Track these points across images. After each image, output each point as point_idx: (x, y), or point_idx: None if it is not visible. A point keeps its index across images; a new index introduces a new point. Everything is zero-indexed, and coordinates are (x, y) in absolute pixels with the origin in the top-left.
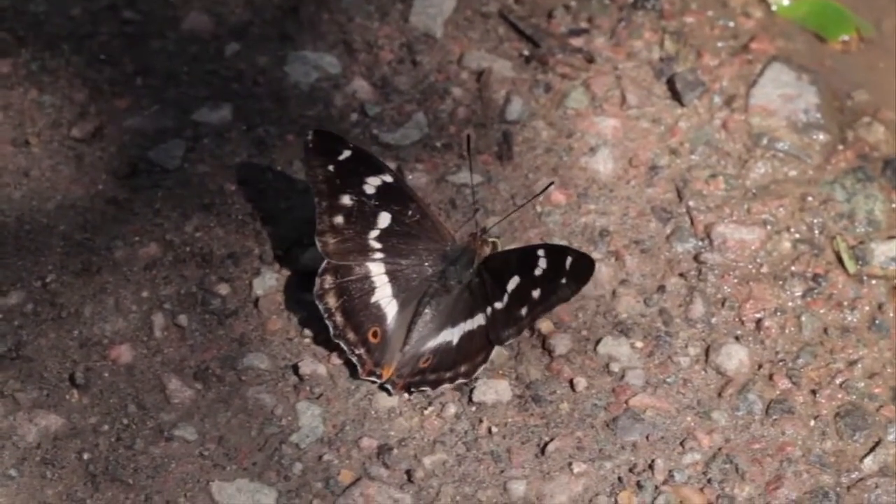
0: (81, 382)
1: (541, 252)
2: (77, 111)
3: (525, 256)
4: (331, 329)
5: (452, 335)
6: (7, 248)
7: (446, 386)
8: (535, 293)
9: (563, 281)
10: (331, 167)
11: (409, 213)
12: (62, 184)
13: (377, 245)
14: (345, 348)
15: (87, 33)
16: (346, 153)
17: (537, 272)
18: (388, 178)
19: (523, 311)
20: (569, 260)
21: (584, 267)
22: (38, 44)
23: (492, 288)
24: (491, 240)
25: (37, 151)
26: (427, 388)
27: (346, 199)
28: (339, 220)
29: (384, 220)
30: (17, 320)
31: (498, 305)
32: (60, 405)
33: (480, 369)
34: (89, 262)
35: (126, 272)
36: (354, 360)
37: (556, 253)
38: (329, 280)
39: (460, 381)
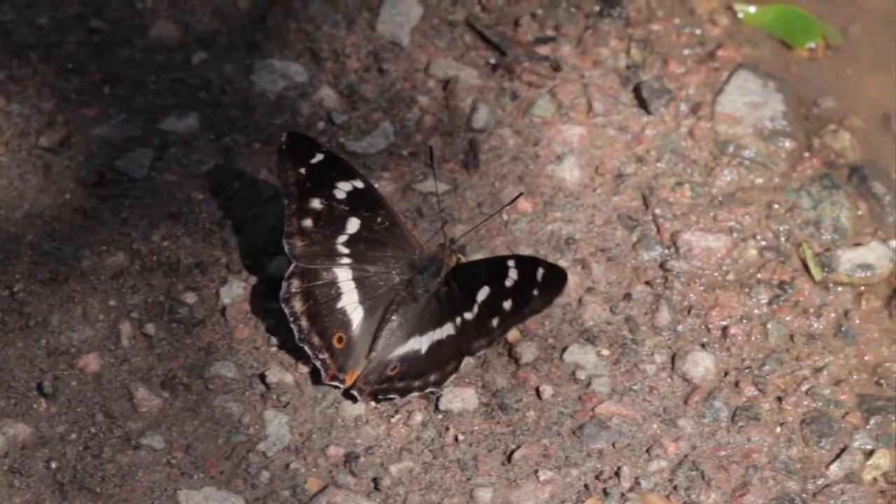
0: (49, 391)
1: (511, 263)
2: (45, 120)
3: (494, 267)
4: (295, 333)
5: (421, 343)
6: None
7: (415, 394)
8: (507, 304)
9: (536, 293)
10: (302, 170)
11: (379, 219)
12: (30, 193)
13: (345, 250)
14: (309, 352)
15: (55, 42)
16: (319, 157)
17: (508, 283)
18: (360, 184)
19: (494, 322)
20: (540, 271)
21: (557, 278)
22: (6, 53)
23: (461, 298)
24: (458, 250)
25: (4, 161)
26: (395, 396)
27: (316, 203)
28: (307, 223)
29: (353, 225)
30: None
31: (468, 316)
32: (28, 414)
33: (451, 379)
34: (57, 272)
35: (93, 281)
36: (318, 364)
37: (527, 264)
38: (296, 284)
39: (429, 389)
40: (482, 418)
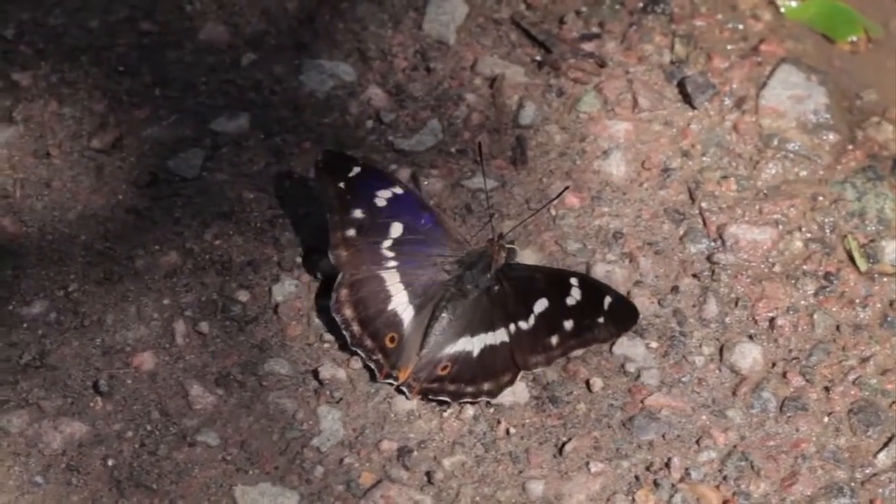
0: (105, 390)
1: (574, 281)
2: (97, 122)
3: (554, 279)
4: (348, 338)
5: (472, 345)
6: (30, 258)
7: (467, 401)
8: (568, 324)
9: (601, 321)
10: (341, 184)
11: (422, 221)
12: (83, 194)
13: (391, 254)
14: (362, 355)
15: (106, 45)
16: (356, 170)
17: (569, 301)
18: (399, 190)
19: (553, 340)
20: (607, 300)
21: (627, 313)
22: (58, 56)
23: (515, 303)
24: (508, 245)
25: (57, 163)
26: (447, 399)
27: (358, 213)
28: (351, 233)
29: (396, 230)
30: (40, 329)
31: (523, 325)
32: (84, 412)
33: (506, 391)
34: (111, 271)
35: (147, 280)
36: (372, 365)
37: (592, 288)
38: (345, 293)
39: (483, 398)
40: (533, 411)
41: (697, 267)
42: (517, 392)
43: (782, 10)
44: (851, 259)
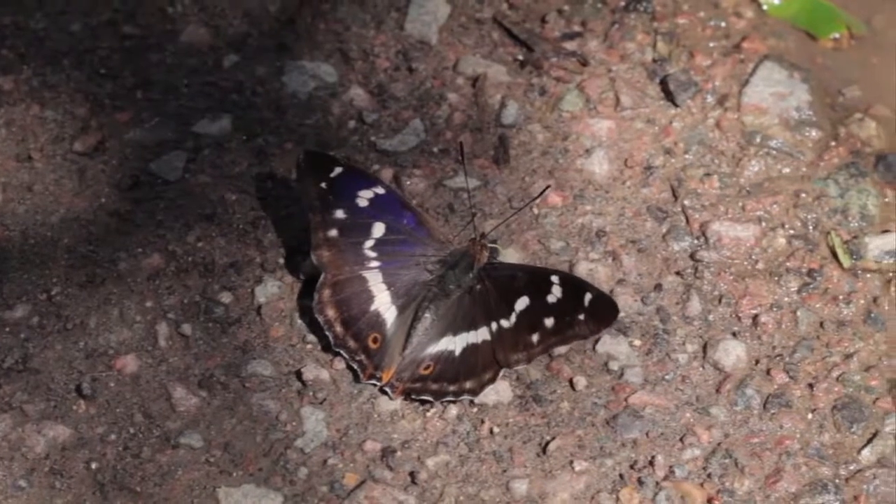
0: (88, 393)
1: (554, 279)
2: (79, 125)
3: (535, 278)
4: (331, 339)
5: (454, 344)
6: (12, 262)
7: (450, 399)
8: (549, 322)
9: (582, 318)
10: (323, 184)
11: (404, 221)
12: (65, 197)
13: (373, 254)
14: (345, 356)
15: (88, 48)
16: (338, 170)
17: (550, 299)
18: (381, 190)
19: (534, 338)
20: (588, 297)
21: (607, 309)
22: (40, 60)
23: (497, 302)
24: (490, 245)
25: (40, 166)
26: (430, 398)
27: (340, 213)
28: (333, 233)
29: (378, 229)
30: (23, 333)
31: (505, 324)
32: (68, 416)
33: (487, 388)
34: (93, 274)
35: (130, 283)
36: (355, 366)
37: (572, 285)
38: (327, 293)
39: (466, 397)
40: (517, 410)
41: (680, 265)
42: (501, 391)
43: (764, 7)
44: (835, 255)
